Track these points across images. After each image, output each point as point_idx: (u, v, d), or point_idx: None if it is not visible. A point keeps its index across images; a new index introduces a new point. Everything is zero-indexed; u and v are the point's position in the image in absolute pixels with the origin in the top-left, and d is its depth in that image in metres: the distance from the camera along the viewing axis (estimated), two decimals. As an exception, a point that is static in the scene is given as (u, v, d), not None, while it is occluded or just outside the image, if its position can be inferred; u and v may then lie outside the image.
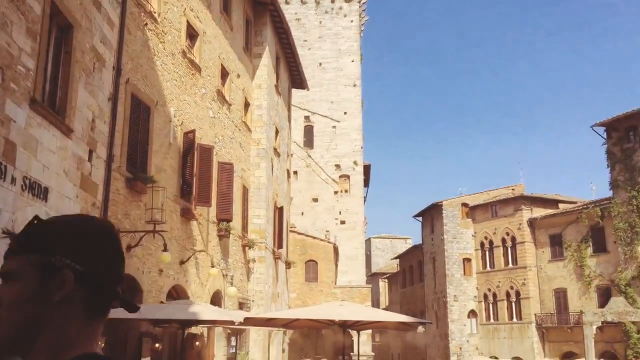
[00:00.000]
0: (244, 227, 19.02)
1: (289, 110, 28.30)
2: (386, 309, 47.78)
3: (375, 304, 55.38)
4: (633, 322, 29.18)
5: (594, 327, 26.17)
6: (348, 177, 39.76)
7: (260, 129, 20.71)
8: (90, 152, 9.24)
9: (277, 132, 23.57)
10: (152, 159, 12.01)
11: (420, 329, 12.98)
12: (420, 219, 46.25)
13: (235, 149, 18.28)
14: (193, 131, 14.08)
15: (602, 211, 34.09)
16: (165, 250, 11.46)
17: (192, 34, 14.89)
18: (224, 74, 17.48)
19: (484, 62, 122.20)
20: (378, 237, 72.49)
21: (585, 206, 36.35)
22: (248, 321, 11.91)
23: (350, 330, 17.22)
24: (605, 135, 34.75)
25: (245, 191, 19.15)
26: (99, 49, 9.53)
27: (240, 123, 19.06)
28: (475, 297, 40.86)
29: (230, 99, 17.88)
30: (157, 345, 12.31)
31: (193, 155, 13.99)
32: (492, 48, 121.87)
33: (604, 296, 32.80)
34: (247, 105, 20.05)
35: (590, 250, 34.98)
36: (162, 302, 11.60)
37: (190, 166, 13.96)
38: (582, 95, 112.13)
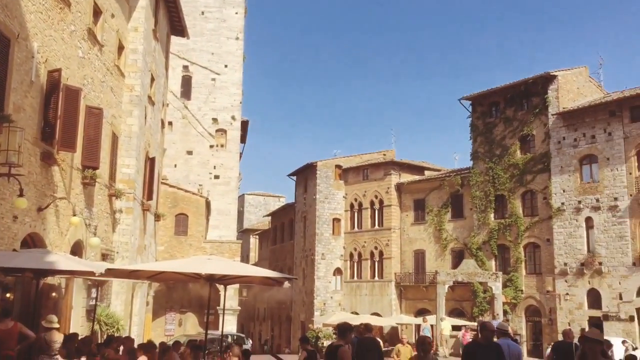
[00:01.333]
0: (112, 176, 18.23)
1: (166, 58, 27.20)
2: (255, 265, 48.34)
3: (245, 259, 55.83)
4: (480, 283, 31.87)
5: (446, 286, 28.29)
6: (225, 131, 39.23)
7: (134, 74, 19.74)
8: None
9: (152, 79, 22.61)
10: (9, 96, 11.05)
11: (286, 284, 13.33)
12: (294, 178, 46.93)
13: (106, 93, 17.32)
14: (59, 70, 13.10)
15: (462, 180, 36.55)
16: (21, 195, 10.71)
17: (61, -36, 13.70)
18: (97, 12, 16.35)
19: (370, 28, 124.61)
20: (252, 194, 72.64)
21: (447, 174, 38.78)
22: (110, 272, 11.53)
23: (217, 285, 17.27)
24: (470, 109, 37.02)
25: (115, 139, 18.29)
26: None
27: (112, 67, 18.04)
28: (341, 255, 42.47)
29: (103, 39, 16.81)
30: (7, 295, 11.59)
31: (58, 96, 13.04)
32: (379, 13, 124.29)
33: (458, 258, 35.45)
34: (121, 48, 18.97)
35: (449, 215, 37.49)
36: (14, 250, 10.89)
37: (54, 108, 13.00)
38: (453, 68, 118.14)
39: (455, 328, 30.17)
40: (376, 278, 40.54)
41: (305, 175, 44.78)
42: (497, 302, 27.64)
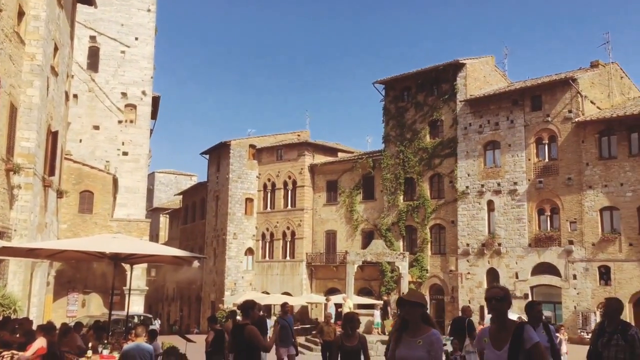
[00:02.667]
0: (9, 150, 17.15)
1: (72, 27, 25.79)
2: (165, 244, 47.35)
3: (154, 239, 54.56)
4: (388, 263, 32.78)
5: (356, 266, 28.84)
6: (135, 107, 37.84)
7: (36, 42, 18.57)
8: None
9: (56, 48, 21.38)
10: None
11: (196, 264, 13.11)
12: (207, 157, 46.18)
13: (4, 61, 16.20)
14: (-52, 33, 12.12)
15: (373, 162, 37.33)
16: None
17: None
18: (-6, -27, 15.21)
19: (288, 9, 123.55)
20: (163, 172, 70.87)
21: (360, 157, 39.48)
22: (6, 251, 10.93)
23: (123, 264, 16.77)
24: (383, 93, 37.75)
25: (13, 110, 17.18)
26: None
27: (11, 33, 16.87)
28: (254, 235, 42.40)
29: (1, 4, 15.69)
30: None
31: (-53, 62, 12.09)
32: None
33: (368, 239, 36.27)
34: (21, 14, 17.77)
35: (360, 197, 38.25)
36: None
37: (-57, 74, 12.05)
38: (369, 52, 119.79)
39: (362, 307, 30.93)
40: (288, 258, 40.81)
41: (218, 154, 44.16)
42: (404, 281, 28.53)
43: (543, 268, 29.66)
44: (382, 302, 27.41)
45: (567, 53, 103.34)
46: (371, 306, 30.05)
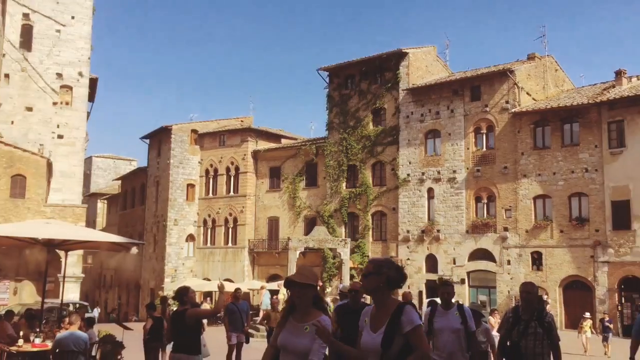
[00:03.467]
0: None
1: (3, 3, 24.59)
2: (103, 230, 46.12)
3: (92, 225, 53.01)
4: (330, 249, 33.05)
5: (298, 252, 28.98)
6: (71, 88, 36.46)
7: (-38, 17, 17.64)
8: None
9: (-15, 24, 20.36)
10: None
11: (134, 250, 12.85)
12: (147, 141, 45.16)
13: None
14: None
15: (317, 149, 37.41)
16: None
17: None
18: None
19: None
20: (101, 157, 68.87)
21: (303, 143, 39.49)
22: None
23: (57, 251, 16.22)
24: (328, 80, 37.80)
25: (-63, 88, 16.28)
26: None
27: None
28: (195, 222, 41.86)
29: None
30: None
31: None
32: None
33: (310, 225, 36.41)
34: (-54, -14, 16.81)
35: (303, 183, 38.31)
36: None
37: None
38: (314, 39, 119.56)
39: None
40: (230, 244, 40.52)
41: (159, 138, 43.24)
42: (345, 267, 28.87)
43: (479, 254, 30.55)
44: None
45: (506, 45, 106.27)
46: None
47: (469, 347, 6.38)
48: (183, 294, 7.60)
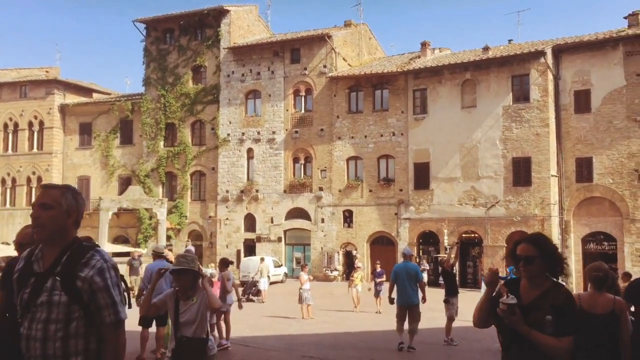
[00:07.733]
0: None
1: None
2: None
3: None
4: (146, 209, 31.98)
5: (110, 212, 27.57)
6: None
7: None
8: None
9: None
10: None
11: None
12: None
13: None
14: None
15: (133, 105, 35.59)
16: None
17: None
18: None
19: None
20: None
21: (118, 99, 37.29)
22: None
23: None
24: (144, 33, 35.90)
25: None
26: None
27: None
28: (-8, 181, 37.81)
29: None
30: None
31: None
32: None
33: (125, 185, 34.78)
34: None
35: (117, 141, 36.33)
36: None
37: None
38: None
39: (117, 255, 29.83)
40: (33, 206, 37.25)
41: (-55, 86, 37.98)
42: (162, 228, 28.14)
43: (296, 213, 31.62)
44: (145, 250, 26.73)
45: (326, 11, 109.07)
46: (127, 254, 29.12)
47: None
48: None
